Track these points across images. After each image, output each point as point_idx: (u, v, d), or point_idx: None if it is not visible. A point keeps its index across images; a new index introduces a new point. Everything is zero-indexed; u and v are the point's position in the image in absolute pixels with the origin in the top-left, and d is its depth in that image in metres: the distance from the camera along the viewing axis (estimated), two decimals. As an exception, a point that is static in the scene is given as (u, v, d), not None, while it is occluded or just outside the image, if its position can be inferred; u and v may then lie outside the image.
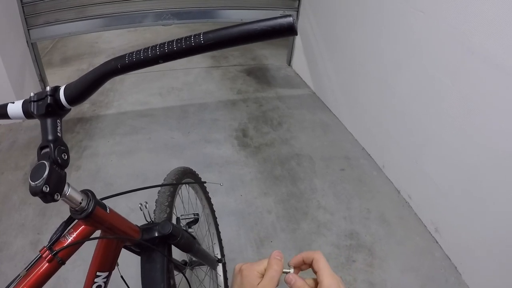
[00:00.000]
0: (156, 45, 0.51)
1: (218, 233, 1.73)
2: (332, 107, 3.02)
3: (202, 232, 1.68)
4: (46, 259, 0.63)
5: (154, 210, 1.13)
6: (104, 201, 0.73)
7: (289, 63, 3.75)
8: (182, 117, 2.87)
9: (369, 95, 2.44)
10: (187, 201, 1.50)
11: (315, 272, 0.54)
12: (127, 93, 3.18)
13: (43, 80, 3.06)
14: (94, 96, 3.07)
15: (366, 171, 2.38)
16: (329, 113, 3.01)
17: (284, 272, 0.55)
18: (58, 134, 0.59)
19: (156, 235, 0.86)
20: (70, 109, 0.61)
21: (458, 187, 1.70)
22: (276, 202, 2.13)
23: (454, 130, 1.69)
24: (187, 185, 1.45)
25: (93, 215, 0.64)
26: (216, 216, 1.97)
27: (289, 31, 0.45)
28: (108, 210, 0.70)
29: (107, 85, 3.25)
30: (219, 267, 1.62)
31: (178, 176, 1.27)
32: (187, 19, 3.13)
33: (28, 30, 2.80)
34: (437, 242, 1.86)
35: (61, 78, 3.35)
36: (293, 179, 2.29)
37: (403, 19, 1.99)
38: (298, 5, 3.30)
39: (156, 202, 1.16)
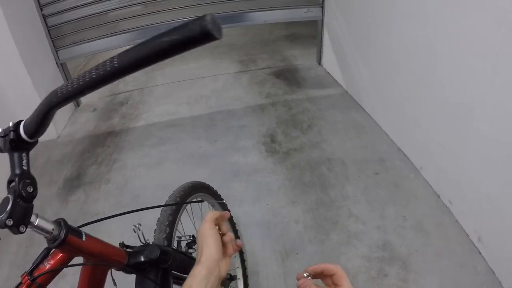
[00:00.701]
0: (80, 76, 0.49)
1: (240, 246, 1.66)
2: (365, 106, 2.86)
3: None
4: (25, 285, 0.65)
5: (155, 229, 1.09)
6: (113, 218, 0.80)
7: (319, 62, 3.62)
8: (209, 126, 2.84)
9: (405, 91, 2.26)
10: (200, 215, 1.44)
11: (334, 285, 0.62)
12: (155, 104, 3.20)
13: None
14: (124, 109, 3.13)
15: (403, 174, 2.21)
16: (362, 112, 2.85)
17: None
18: (24, 168, 0.60)
19: (143, 259, 0.83)
20: (36, 141, 0.62)
21: (505, 191, 1.51)
22: (304, 211, 2.02)
23: (500, 126, 1.50)
24: (198, 199, 1.40)
25: (66, 243, 0.65)
26: (239, 227, 1.92)
27: (205, 37, 0.38)
28: (84, 237, 0.70)
29: (137, 97, 3.30)
30: (238, 283, 1.56)
31: (184, 193, 1.22)
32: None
33: (56, 51, 2.90)
34: (480, 253, 1.67)
35: (93, 94, 3.43)
36: (323, 186, 2.18)
37: (438, 7, 1.81)
38: (323, 0, 3.16)
39: (157, 221, 1.12)
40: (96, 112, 3.21)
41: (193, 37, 0.39)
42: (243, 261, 1.63)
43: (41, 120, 0.57)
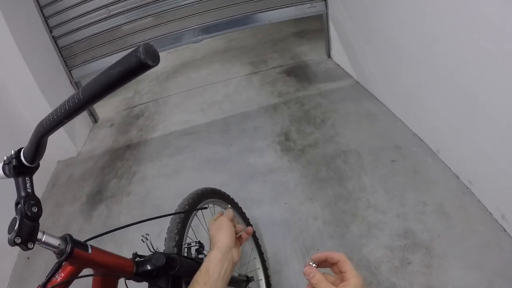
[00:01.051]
0: (57, 108, 0.56)
1: (258, 247, 1.67)
2: (377, 94, 2.82)
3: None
4: None
5: (165, 238, 1.12)
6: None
7: (328, 55, 3.59)
8: (224, 130, 2.87)
9: (414, 75, 2.21)
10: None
11: (340, 272, 0.62)
12: (171, 113, 3.26)
13: (92, 115, 3.25)
14: (141, 122, 3.21)
15: (420, 159, 2.17)
16: (375, 101, 2.81)
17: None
18: (28, 190, 0.66)
19: (149, 268, 0.85)
20: (38, 165, 0.69)
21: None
22: (323, 206, 2.02)
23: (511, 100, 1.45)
24: (210, 205, 1.42)
25: (73, 256, 0.68)
26: (259, 228, 1.93)
27: (141, 66, 0.41)
28: (89, 250, 0.74)
29: (152, 109, 3.37)
30: (260, 285, 1.57)
31: (193, 200, 1.25)
32: (215, 32, 3.13)
33: (70, 71, 3.01)
34: (505, 231, 1.62)
35: (109, 110, 3.54)
36: (340, 179, 2.17)
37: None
38: (325, -6, 3.15)
39: (167, 229, 1.15)
40: (114, 126, 3.30)
41: (132, 68, 0.43)
42: (263, 261, 1.65)
43: (36, 147, 0.63)
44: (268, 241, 1.89)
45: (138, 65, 0.42)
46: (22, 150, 0.67)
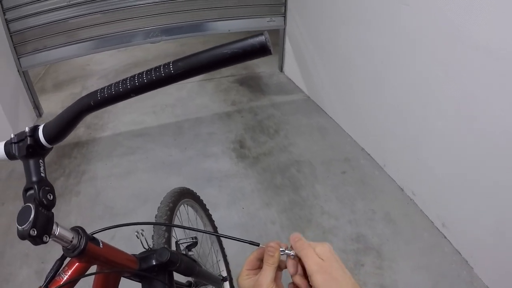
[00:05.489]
0: (127, 79, 0.51)
1: (222, 249, 1.69)
2: (327, 109, 3.00)
3: (205, 251, 1.65)
4: None
5: (152, 235, 1.11)
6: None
7: (281, 69, 3.74)
8: (177, 134, 2.85)
9: (364, 94, 2.42)
10: (187, 220, 1.47)
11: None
12: (121, 113, 3.16)
13: (37, 107, 3.05)
14: (89, 119, 3.07)
15: (368, 171, 2.35)
16: (325, 116, 2.99)
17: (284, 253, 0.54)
18: (42, 174, 0.58)
19: (154, 263, 0.83)
20: (52, 147, 0.61)
21: (461, 179, 1.67)
22: (279, 212, 2.10)
23: (452, 121, 1.66)
24: (185, 204, 1.43)
25: (86, 251, 0.62)
26: (219, 232, 1.95)
27: (262, 51, 0.44)
28: (101, 244, 0.68)
29: (101, 108, 3.23)
30: (226, 285, 1.59)
31: (175, 198, 1.25)
32: (175, 35, 3.12)
33: (18, 58, 2.79)
34: (445, 237, 1.82)
35: (55, 104, 3.34)
36: (295, 187, 2.27)
37: (390, 13, 1.97)
38: (285, 10, 3.29)
39: (154, 227, 1.14)
40: (58, 124, 3.11)
41: (251, 50, 0.44)
42: (227, 263, 1.67)
43: (67, 124, 0.56)
44: (227, 244, 1.91)
45: (260, 49, 0.43)
46: (42, 127, 0.59)
